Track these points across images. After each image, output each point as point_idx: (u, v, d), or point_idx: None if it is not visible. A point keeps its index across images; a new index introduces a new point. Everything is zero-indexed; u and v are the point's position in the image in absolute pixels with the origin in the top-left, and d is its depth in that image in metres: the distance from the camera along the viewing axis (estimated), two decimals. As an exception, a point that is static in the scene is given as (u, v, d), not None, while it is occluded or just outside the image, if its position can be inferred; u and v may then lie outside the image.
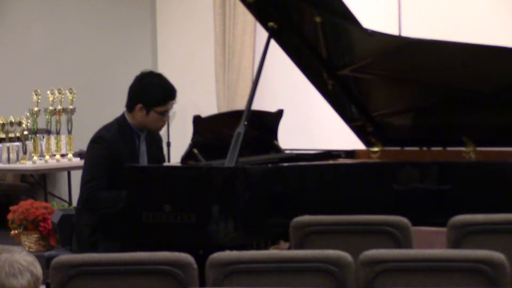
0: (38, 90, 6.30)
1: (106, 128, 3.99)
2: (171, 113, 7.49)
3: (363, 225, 3.16)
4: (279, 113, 4.52)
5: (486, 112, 4.14)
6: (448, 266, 2.53)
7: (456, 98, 4.17)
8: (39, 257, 2.21)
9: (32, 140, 6.24)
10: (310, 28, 4.21)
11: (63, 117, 6.40)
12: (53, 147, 6.33)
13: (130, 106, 3.97)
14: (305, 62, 4.47)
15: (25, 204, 5.62)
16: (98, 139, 3.92)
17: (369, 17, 5.23)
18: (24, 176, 7.12)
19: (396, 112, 4.43)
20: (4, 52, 7.68)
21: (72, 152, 6.40)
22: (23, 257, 2.06)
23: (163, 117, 3.98)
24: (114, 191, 3.77)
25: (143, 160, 4.01)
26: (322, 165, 4.18)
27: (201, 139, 3.95)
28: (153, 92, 3.94)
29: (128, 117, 3.99)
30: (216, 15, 7.17)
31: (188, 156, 3.83)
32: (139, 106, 3.93)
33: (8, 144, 6.26)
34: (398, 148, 4.59)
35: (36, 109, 6.26)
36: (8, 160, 6.21)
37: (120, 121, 4.00)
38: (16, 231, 5.59)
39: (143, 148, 4.02)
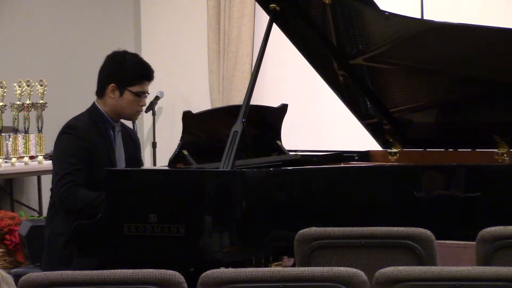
0: (3, 82, 6.31)
1: (76, 118, 4.04)
2: (157, 108, 7.54)
3: (379, 238, 3.17)
4: (283, 108, 4.53)
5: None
6: (478, 285, 2.54)
7: (487, 91, 4.18)
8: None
9: (-4, 139, 6.25)
10: (318, 10, 4.22)
11: (33, 113, 6.40)
12: (20, 148, 6.34)
13: (101, 90, 4.03)
14: (312, 49, 4.48)
15: (-12, 214, 5.64)
16: (68, 129, 3.95)
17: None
18: (-13, 181, 7.13)
19: (417, 108, 4.45)
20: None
21: (43, 153, 6.41)
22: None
23: (139, 100, 4.01)
24: (95, 192, 3.78)
25: (120, 155, 4.03)
26: (331, 168, 4.19)
27: (192, 139, 3.96)
28: (127, 69, 4.00)
29: (99, 105, 4.03)
30: (210, -5, 7.19)
31: (176, 158, 3.83)
32: (111, 86, 3.97)
33: (-32, 144, 6.27)
34: (419, 150, 4.61)
35: (1, 104, 6.26)
36: (-31, 163, 6.22)
37: (91, 111, 4.04)
38: (-23, 245, 5.60)
39: (119, 140, 4.05)
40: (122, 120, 4.14)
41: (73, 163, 3.86)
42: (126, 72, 3.99)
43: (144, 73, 4.03)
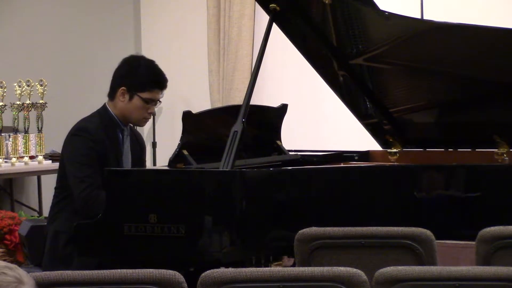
0: (3, 82, 6.31)
1: (87, 120, 4.01)
2: (157, 109, 7.54)
3: (379, 238, 3.17)
4: (283, 108, 4.54)
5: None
6: (477, 285, 2.54)
7: (487, 91, 4.17)
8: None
9: (-4, 139, 6.25)
10: (318, 10, 4.22)
11: (32, 113, 6.41)
12: (20, 148, 6.34)
13: (112, 92, 3.99)
14: (312, 50, 4.48)
15: (-12, 214, 5.64)
16: (79, 132, 3.92)
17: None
18: (-13, 181, 7.13)
19: (417, 108, 4.44)
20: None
21: (43, 153, 6.42)
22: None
23: (148, 107, 3.98)
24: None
25: (127, 159, 4.02)
26: (331, 169, 4.19)
27: (192, 139, 3.95)
28: (139, 74, 3.96)
29: (110, 107, 4.00)
30: (210, -5, 7.19)
31: (176, 158, 3.84)
32: (121, 90, 3.94)
33: (-32, 144, 6.27)
34: (419, 150, 4.61)
35: (1, 104, 6.27)
36: (-31, 163, 6.22)
37: (101, 113, 4.01)
38: (-22, 245, 5.60)
39: (127, 145, 4.04)
40: None
41: (90, 165, 3.83)
42: (138, 77, 3.95)
43: (155, 80, 3.98)
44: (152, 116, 4.12)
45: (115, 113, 3.99)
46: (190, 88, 7.42)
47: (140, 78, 3.95)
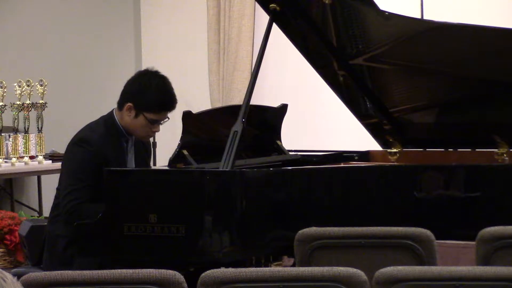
0: (3, 82, 6.31)
1: (91, 128, 3.98)
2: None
3: (379, 238, 3.17)
4: (283, 108, 4.54)
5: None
6: (477, 285, 2.54)
7: (487, 91, 4.18)
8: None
9: (-4, 139, 6.25)
10: (318, 10, 4.22)
11: (33, 113, 6.41)
12: (20, 148, 6.34)
13: (121, 103, 3.95)
14: (312, 50, 4.48)
15: (-12, 214, 5.64)
16: (80, 142, 3.89)
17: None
18: (-13, 181, 7.14)
19: (417, 108, 4.45)
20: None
21: (43, 153, 6.41)
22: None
23: (153, 127, 3.96)
24: (100, 204, 3.75)
25: (131, 168, 4.00)
26: (331, 168, 4.19)
27: (191, 139, 3.96)
28: (148, 94, 3.90)
29: (117, 116, 3.96)
30: (210, -5, 7.19)
31: (176, 158, 3.84)
32: (128, 105, 3.90)
33: (-32, 144, 6.27)
34: (419, 150, 4.61)
35: (1, 104, 6.27)
36: (-31, 163, 6.22)
37: (107, 121, 3.98)
38: (-23, 245, 5.60)
39: (131, 154, 4.02)
40: None
41: (82, 179, 3.82)
42: (146, 98, 3.89)
43: (164, 104, 3.92)
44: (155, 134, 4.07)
45: (121, 123, 3.96)
46: (190, 88, 7.41)
47: (148, 99, 3.89)
